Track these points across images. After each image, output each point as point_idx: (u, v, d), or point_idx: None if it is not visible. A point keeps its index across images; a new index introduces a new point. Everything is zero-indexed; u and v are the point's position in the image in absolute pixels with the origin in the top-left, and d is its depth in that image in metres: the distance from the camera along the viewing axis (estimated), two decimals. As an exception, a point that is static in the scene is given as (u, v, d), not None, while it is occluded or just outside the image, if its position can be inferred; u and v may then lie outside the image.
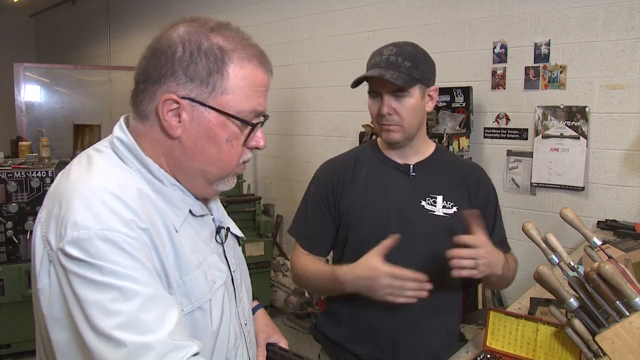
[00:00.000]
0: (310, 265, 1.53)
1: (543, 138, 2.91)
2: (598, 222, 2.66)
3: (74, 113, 4.76)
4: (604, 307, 1.09)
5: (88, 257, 0.73)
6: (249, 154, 0.94)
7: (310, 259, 1.57)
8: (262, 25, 4.31)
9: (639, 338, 1.03)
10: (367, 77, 1.41)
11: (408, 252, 1.45)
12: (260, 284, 3.81)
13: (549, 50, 2.85)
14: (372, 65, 1.43)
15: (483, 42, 3.11)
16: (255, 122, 0.90)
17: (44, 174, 3.11)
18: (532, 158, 2.96)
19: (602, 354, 1.08)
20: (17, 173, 3.06)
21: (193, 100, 0.85)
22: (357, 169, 1.54)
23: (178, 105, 0.85)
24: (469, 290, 2.38)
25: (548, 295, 1.37)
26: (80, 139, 4.28)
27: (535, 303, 1.52)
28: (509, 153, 3.06)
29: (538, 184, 2.95)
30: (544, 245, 1.21)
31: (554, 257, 1.19)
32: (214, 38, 0.86)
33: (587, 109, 2.75)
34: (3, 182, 3.02)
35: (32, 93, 4.64)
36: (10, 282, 3.08)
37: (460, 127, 3.05)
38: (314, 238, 1.57)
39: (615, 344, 1.05)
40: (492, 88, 3.09)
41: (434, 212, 1.46)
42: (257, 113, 0.90)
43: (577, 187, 2.81)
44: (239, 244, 1.12)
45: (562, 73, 2.82)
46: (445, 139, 2.87)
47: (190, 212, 0.93)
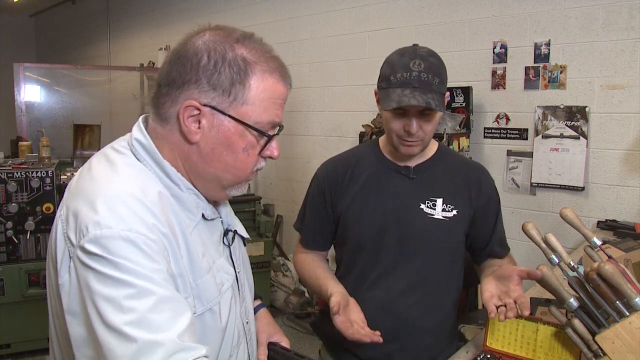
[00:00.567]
0: (307, 267, 1.58)
1: (543, 138, 2.91)
2: (598, 222, 2.66)
3: (74, 113, 4.75)
4: (604, 307, 1.09)
5: (107, 253, 0.75)
6: (263, 163, 0.96)
7: (309, 259, 1.59)
8: (262, 25, 4.31)
9: (639, 338, 1.03)
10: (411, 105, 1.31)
11: (406, 255, 1.46)
12: (260, 284, 3.81)
13: (549, 50, 2.85)
14: (401, 83, 1.33)
15: (483, 42, 3.11)
16: (272, 133, 0.93)
17: (44, 174, 3.10)
18: (532, 158, 2.96)
19: (602, 354, 1.08)
20: (17, 173, 3.05)
21: (214, 109, 0.87)
22: (356, 170, 1.53)
23: (199, 112, 0.87)
24: (469, 290, 2.37)
25: (548, 295, 1.37)
26: (80, 139, 4.28)
27: (535, 303, 1.52)
28: (509, 153, 3.06)
29: (538, 184, 2.95)
30: (544, 245, 1.21)
31: (554, 257, 1.20)
32: (239, 49, 0.87)
33: (587, 109, 2.75)
34: (3, 182, 3.02)
35: (32, 93, 4.63)
36: (10, 282, 3.07)
37: (460, 127, 3.05)
38: (312, 237, 1.61)
39: (615, 344, 1.05)
40: (492, 88, 3.09)
41: (433, 215, 1.46)
42: (273, 124, 0.93)
43: (577, 187, 2.81)
44: (244, 244, 1.14)
45: (562, 73, 2.82)
46: (445, 139, 2.88)
47: (203, 216, 0.95)
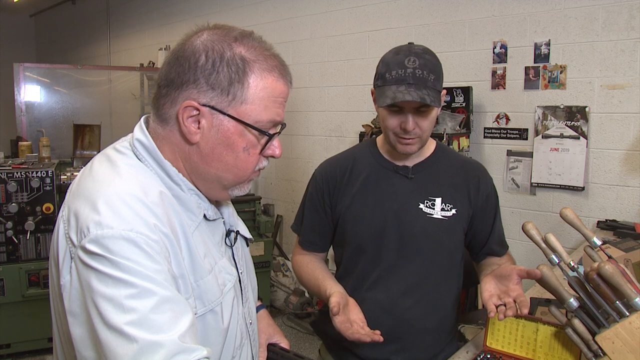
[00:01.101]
0: (305, 269, 1.58)
1: (543, 138, 2.91)
2: (598, 222, 2.66)
3: (74, 113, 4.75)
4: (604, 307, 1.09)
5: (108, 253, 0.74)
6: (265, 162, 0.95)
7: (307, 260, 1.59)
8: (262, 25, 4.31)
9: (639, 338, 1.03)
10: (406, 100, 1.30)
11: (406, 255, 1.46)
12: (261, 284, 3.76)
13: (549, 50, 2.85)
14: (395, 80, 1.33)
15: (483, 42, 3.11)
16: (273, 132, 0.92)
17: (44, 174, 3.10)
18: (532, 158, 2.95)
19: (602, 354, 1.08)
20: (17, 173, 3.05)
21: (213, 108, 0.86)
22: (355, 170, 1.53)
23: (198, 112, 0.86)
24: (469, 290, 2.38)
25: (548, 295, 1.37)
26: (80, 139, 4.27)
27: (535, 303, 1.52)
28: (509, 153, 3.06)
29: (538, 184, 2.95)
30: (544, 245, 1.21)
31: (554, 257, 1.20)
32: (237, 48, 0.87)
33: (587, 109, 2.75)
34: (3, 182, 3.02)
35: (32, 93, 4.63)
36: (10, 282, 3.07)
37: (460, 127, 3.05)
38: (311, 238, 1.61)
39: (615, 344, 1.05)
40: (492, 88, 3.09)
41: (432, 214, 1.46)
42: (274, 123, 0.92)
43: (577, 187, 2.81)
44: (247, 245, 1.14)
45: (562, 73, 2.82)
46: (445, 139, 2.88)
47: (205, 216, 0.94)
